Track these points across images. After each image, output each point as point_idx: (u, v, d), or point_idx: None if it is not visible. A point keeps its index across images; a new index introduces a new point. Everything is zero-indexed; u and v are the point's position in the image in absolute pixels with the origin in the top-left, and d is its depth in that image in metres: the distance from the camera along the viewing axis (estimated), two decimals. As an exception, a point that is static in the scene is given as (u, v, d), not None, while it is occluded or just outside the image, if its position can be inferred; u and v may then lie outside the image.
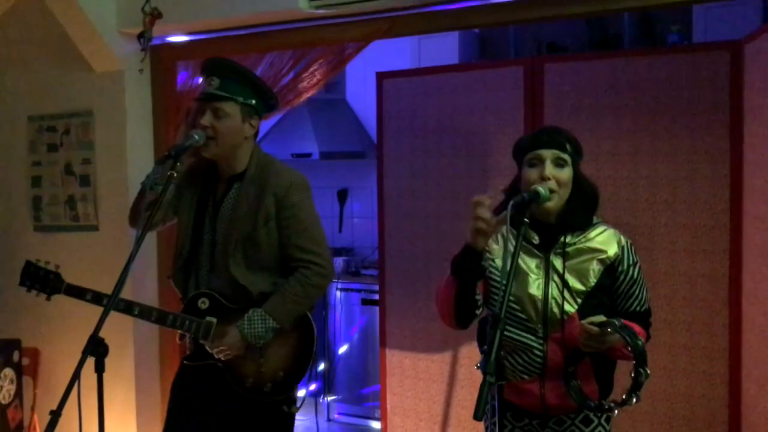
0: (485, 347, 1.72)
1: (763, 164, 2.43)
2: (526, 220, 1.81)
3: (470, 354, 3.17)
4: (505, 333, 1.94)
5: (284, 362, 2.38)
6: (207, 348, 2.37)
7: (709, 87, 2.70)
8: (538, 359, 1.93)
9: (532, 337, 1.94)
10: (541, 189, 1.86)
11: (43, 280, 2.43)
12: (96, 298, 2.38)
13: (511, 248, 1.77)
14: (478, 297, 1.95)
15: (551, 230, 1.95)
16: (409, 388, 3.38)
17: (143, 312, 2.39)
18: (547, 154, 1.91)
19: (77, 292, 2.40)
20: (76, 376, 1.83)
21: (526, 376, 1.95)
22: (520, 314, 1.95)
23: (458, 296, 1.89)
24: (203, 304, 2.39)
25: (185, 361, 2.48)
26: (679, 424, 2.75)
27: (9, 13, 3.63)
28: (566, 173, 1.91)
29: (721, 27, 3.67)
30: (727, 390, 2.70)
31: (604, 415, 2.01)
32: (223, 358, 2.35)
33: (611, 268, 1.93)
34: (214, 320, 2.36)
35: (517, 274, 1.93)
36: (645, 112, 2.81)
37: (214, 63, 2.40)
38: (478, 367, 1.95)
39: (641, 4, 2.72)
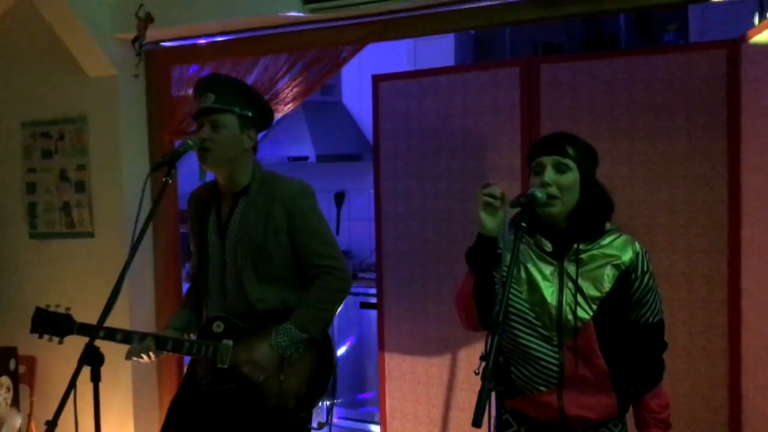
0: (483, 354, 1.70)
1: (761, 163, 2.42)
2: (523, 224, 1.79)
3: (469, 357, 3.15)
4: (520, 342, 1.93)
5: (305, 377, 2.35)
6: (244, 371, 2.31)
7: (706, 86, 2.69)
8: (554, 368, 1.90)
9: (547, 346, 1.91)
10: (538, 192, 1.84)
11: (54, 324, 2.38)
12: (110, 334, 2.30)
13: (507, 255, 1.75)
14: (497, 289, 1.91)
15: (564, 237, 1.92)
16: (408, 391, 3.36)
17: (159, 342, 2.32)
18: (548, 160, 1.89)
19: (89, 331, 2.28)
20: (71, 385, 1.82)
21: (543, 388, 1.92)
22: (535, 322, 1.92)
23: (477, 288, 1.89)
24: (218, 327, 2.37)
25: (206, 388, 2.37)
26: (679, 426, 2.72)
27: (2, 19, 3.61)
28: (568, 178, 1.88)
29: (718, 26, 3.67)
30: (727, 391, 2.69)
31: (621, 429, 1.99)
32: (257, 379, 2.31)
33: (626, 274, 1.90)
34: (230, 343, 2.33)
35: (531, 283, 1.92)
36: (642, 111, 2.80)
37: (207, 80, 2.44)
38: (476, 373, 1.93)
39: (637, 5, 2.71)
